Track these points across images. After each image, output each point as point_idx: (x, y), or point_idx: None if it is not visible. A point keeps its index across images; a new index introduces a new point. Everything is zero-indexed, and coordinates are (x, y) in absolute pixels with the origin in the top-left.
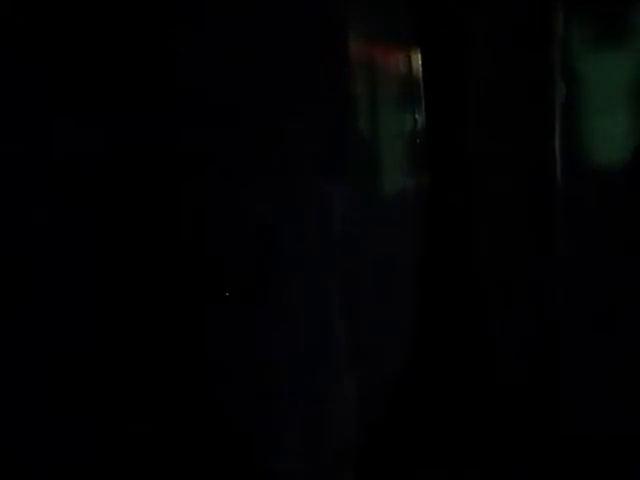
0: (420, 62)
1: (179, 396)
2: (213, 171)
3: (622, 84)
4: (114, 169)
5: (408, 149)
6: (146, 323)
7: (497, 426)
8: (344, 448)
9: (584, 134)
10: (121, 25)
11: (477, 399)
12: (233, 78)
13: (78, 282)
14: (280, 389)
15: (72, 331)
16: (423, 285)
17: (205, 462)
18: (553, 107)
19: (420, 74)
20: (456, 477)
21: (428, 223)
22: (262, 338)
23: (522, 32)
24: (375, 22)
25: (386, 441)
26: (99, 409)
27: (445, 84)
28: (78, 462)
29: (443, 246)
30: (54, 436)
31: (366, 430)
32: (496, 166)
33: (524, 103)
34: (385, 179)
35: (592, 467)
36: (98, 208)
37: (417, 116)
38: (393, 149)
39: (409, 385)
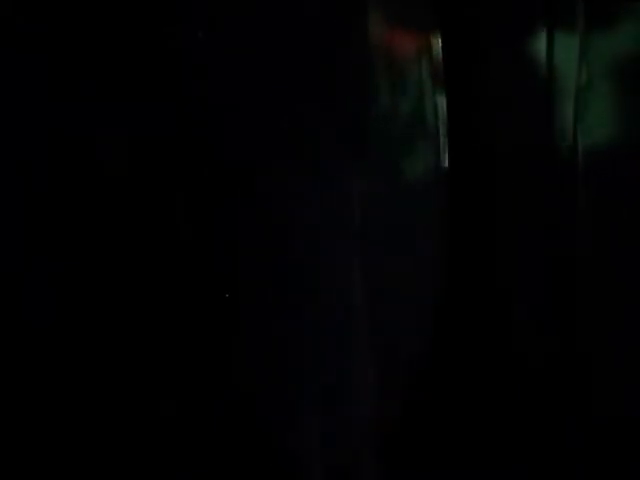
0: (441, 47)
1: (197, 377)
2: (228, 158)
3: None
4: (119, 170)
5: (429, 134)
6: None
7: (504, 423)
8: (364, 435)
9: (603, 121)
10: (123, 25)
11: (490, 397)
12: (249, 61)
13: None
14: (298, 372)
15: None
16: (444, 271)
17: (220, 442)
18: (572, 94)
19: (441, 59)
20: (456, 476)
21: (450, 207)
22: (280, 323)
23: (540, 18)
24: (395, 6)
25: (395, 437)
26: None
27: (465, 69)
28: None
29: (464, 231)
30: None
31: (383, 420)
32: (516, 152)
33: (543, 89)
34: (407, 164)
35: (592, 467)
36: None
37: (438, 101)
38: (415, 134)
39: (427, 375)
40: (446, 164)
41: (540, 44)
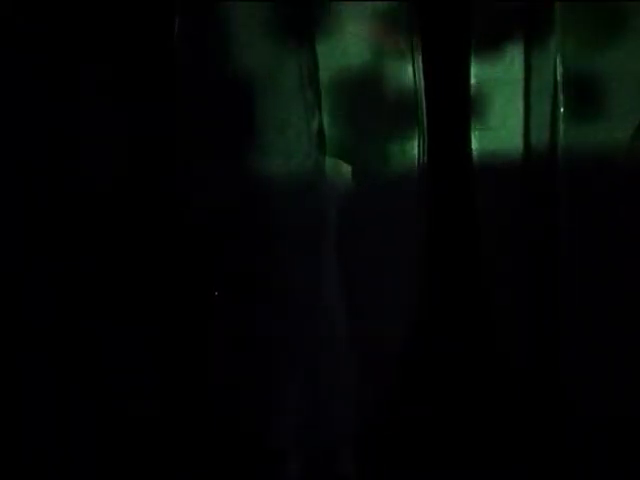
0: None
1: (178, 378)
2: (203, 152)
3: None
4: (116, 165)
5: (409, 132)
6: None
7: (498, 422)
8: (344, 432)
9: (584, 127)
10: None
11: (478, 389)
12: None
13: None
14: (278, 371)
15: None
16: (424, 266)
17: (202, 442)
18: (551, 100)
19: (420, 59)
20: (455, 477)
21: (430, 203)
22: (259, 321)
23: (519, 23)
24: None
25: (384, 431)
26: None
27: (443, 73)
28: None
29: (445, 227)
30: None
31: (365, 418)
32: (497, 157)
33: (522, 95)
34: (384, 162)
35: (592, 467)
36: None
37: (420, 101)
38: (392, 133)
39: (409, 370)
40: (427, 164)
41: (516, 48)
